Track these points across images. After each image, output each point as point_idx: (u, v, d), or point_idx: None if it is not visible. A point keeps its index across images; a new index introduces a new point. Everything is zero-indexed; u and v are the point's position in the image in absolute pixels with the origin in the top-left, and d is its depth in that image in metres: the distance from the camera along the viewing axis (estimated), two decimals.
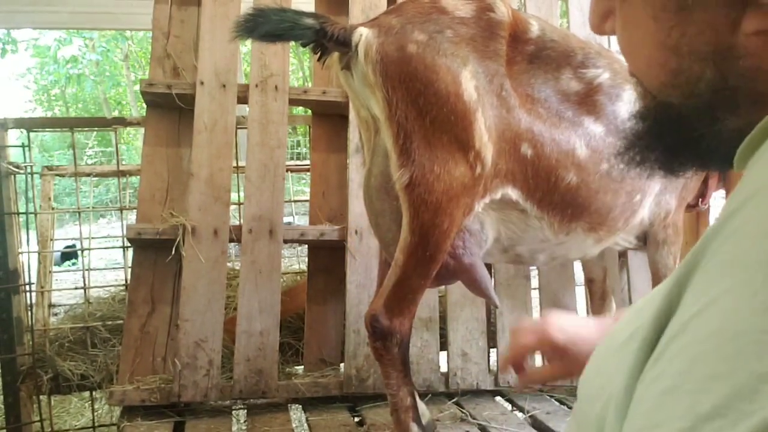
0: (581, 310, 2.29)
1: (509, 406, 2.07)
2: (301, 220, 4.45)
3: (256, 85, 2.13)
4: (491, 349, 2.20)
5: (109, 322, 2.44)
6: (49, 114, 17.07)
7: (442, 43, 1.40)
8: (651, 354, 0.41)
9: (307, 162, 2.76)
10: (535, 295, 2.23)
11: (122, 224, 2.54)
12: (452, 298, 2.12)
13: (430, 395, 2.03)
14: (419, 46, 1.39)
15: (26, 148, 2.50)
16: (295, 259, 3.64)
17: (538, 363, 2.14)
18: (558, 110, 1.55)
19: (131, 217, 3.41)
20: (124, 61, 14.65)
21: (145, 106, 2.22)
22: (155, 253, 2.06)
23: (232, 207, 2.45)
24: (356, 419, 1.90)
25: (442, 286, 2.08)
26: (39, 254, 2.79)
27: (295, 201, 4.06)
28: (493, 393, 2.13)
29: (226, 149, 2.07)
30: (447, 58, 1.40)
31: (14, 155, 2.71)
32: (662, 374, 0.37)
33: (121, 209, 2.88)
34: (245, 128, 2.19)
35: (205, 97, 2.08)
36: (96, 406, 2.48)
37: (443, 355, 2.14)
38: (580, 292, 2.33)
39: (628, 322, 0.52)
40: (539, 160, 1.49)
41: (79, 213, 2.79)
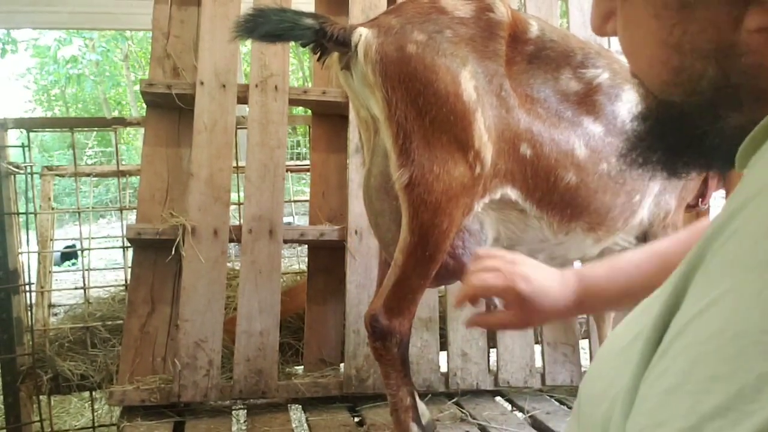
0: None
1: (509, 406, 2.07)
2: (301, 220, 4.45)
3: (256, 85, 2.13)
4: (491, 349, 2.20)
5: (109, 322, 2.44)
6: (49, 114, 17.08)
7: (441, 43, 1.40)
8: (654, 353, 0.41)
9: (307, 162, 2.76)
10: None
11: (122, 224, 2.55)
12: (452, 298, 2.12)
13: (430, 395, 2.03)
14: (419, 46, 1.39)
15: (26, 148, 2.50)
16: (295, 259, 3.64)
17: (539, 359, 2.16)
18: (557, 110, 1.55)
19: (131, 217, 3.41)
20: (124, 61, 14.65)
21: (145, 106, 2.23)
22: (155, 253, 2.06)
23: (232, 207, 2.45)
24: (356, 419, 1.90)
25: (442, 286, 2.08)
26: (39, 254, 2.79)
27: (295, 201, 4.06)
28: (493, 393, 2.13)
29: (226, 149, 2.08)
30: (446, 58, 1.40)
31: (14, 155, 2.71)
32: (665, 373, 0.38)
33: (121, 209, 2.88)
34: (245, 128, 2.19)
35: (205, 97, 2.08)
36: (96, 406, 2.48)
37: (443, 355, 2.14)
38: None
39: (632, 323, 0.52)
40: (538, 160, 1.49)
41: (79, 213, 2.79)
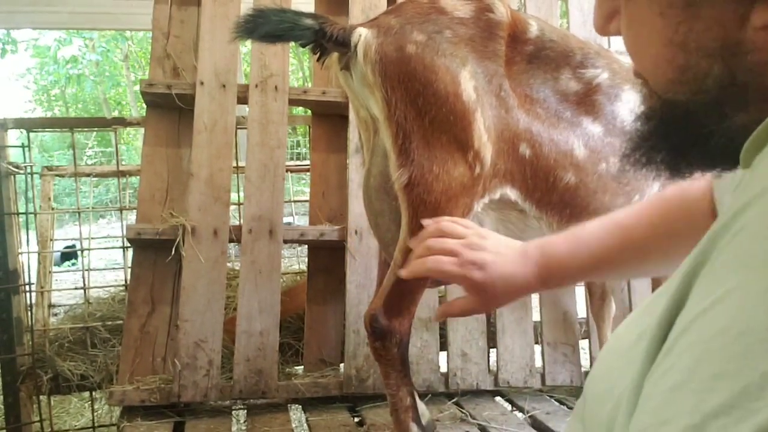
0: (581, 310, 2.29)
1: (509, 406, 2.07)
2: (301, 220, 4.45)
3: (256, 86, 2.13)
4: (491, 349, 2.20)
5: (109, 323, 2.44)
6: (49, 114, 17.09)
7: (441, 44, 1.40)
8: (659, 351, 0.41)
9: (307, 162, 2.76)
10: (534, 295, 2.22)
11: (122, 224, 2.55)
12: (452, 299, 2.11)
13: (429, 395, 2.03)
14: (418, 46, 1.39)
15: (26, 149, 2.50)
16: (295, 259, 3.64)
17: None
18: (557, 110, 1.55)
19: (131, 217, 3.41)
20: (124, 62, 14.67)
21: (144, 106, 2.23)
22: (155, 253, 2.06)
23: (232, 207, 2.45)
24: (356, 419, 1.90)
25: (442, 287, 2.08)
26: (39, 254, 2.79)
27: (295, 201, 4.07)
28: (493, 393, 2.13)
29: (226, 149, 2.08)
30: (446, 59, 1.40)
31: (14, 155, 2.71)
32: (670, 371, 0.38)
33: (120, 209, 2.88)
34: (245, 128, 2.19)
35: (205, 97, 2.08)
36: (96, 407, 2.48)
37: (443, 355, 2.14)
38: (580, 292, 2.33)
39: (636, 322, 0.52)
40: (538, 160, 1.49)
41: (79, 213, 2.79)
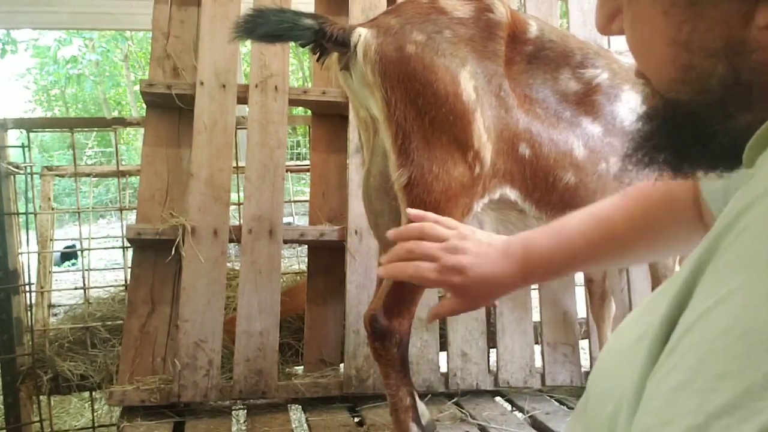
0: (581, 310, 2.29)
1: (509, 407, 2.07)
2: (301, 221, 4.45)
3: (256, 86, 2.13)
4: (491, 350, 2.20)
5: (109, 323, 2.44)
6: (49, 114, 17.09)
7: (440, 44, 1.40)
8: (661, 351, 0.41)
9: (307, 162, 2.76)
10: (534, 295, 2.23)
11: (122, 224, 2.55)
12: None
13: (429, 395, 2.03)
14: (418, 46, 1.39)
15: (26, 149, 2.50)
16: (295, 260, 3.64)
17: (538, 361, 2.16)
18: (556, 110, 1.55)
19: (131, 217, 3.42)
20: (123, 62, 14.67)
21: (144, 106, 2.22)
22: (155, 253, 2.06)
23: (232, 207, 2.45)
24: (356, 419, 1.90)
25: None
26: (39, 254, 2.79)
27: (295, 201, 4.07)
28: (493, 393, 2.13)
29: (225, 149, 2.07)
30: (446, 59, 1.40)
31: (14, 155, 2.71)
32: (673, 370, 0.38)
33: (120, 209, 2.88)
34: (245, 128, 2.19)
35: (204, 97, 2.08)
36: (96, 407, 2.49)
37: (443, 355, 2.14)
38: (580, 293, 2.33)
39: (637, 321, 0.51)
40: (537, 160, 1.49)
41: (79, 213, 2.79)
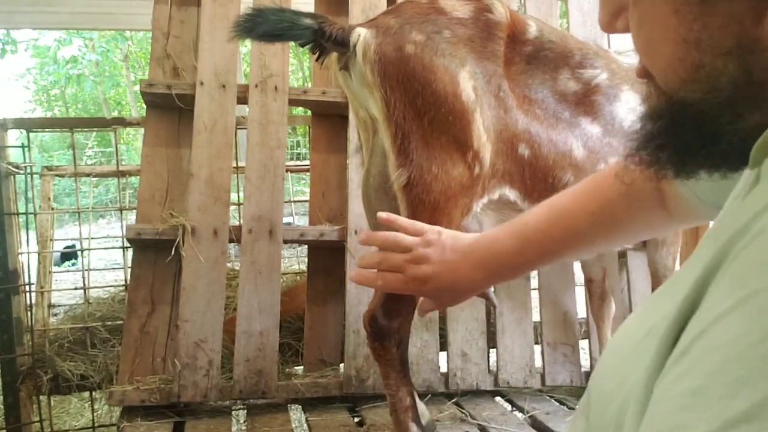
0: (581, 310, 2.29)
1: (509, 407, 2.07)
2: (301, 221, 4.45)
3: (256, 86, 2.13)
4: (491, 350, 2.20)
5: (109, 323, 2.44)
6: (49, 114, 17.10)
7: (440, 44, 1.40)
8: (669, 353, 0.40)
9: (307, 162, 2.76)
10: (534, 295, 2.22)
11: (122, 224, 2.55)
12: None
13: (429, 395, 2.03)
14: (417, 46, 1.39)
15: (26, 149, 2.50)
16: (295, 260, 3.64)
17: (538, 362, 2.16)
18: (555, 111, 1.55)
19: (131, 217, 3.41)
20: (123, 62, 14.67)
21: (144, 106, 2.22)
22: (155, 253, 2.06)
23: (232, 207, 2.45)
24: (356, 419, 1.90)
25: None
26: (39, 254, 2.79)
27: (295, 201, 4.06)
28: (493, 393, 2.13)
29: (225, 149, 2.07)
30: (445, 59, 1.40)
31: (14, 155, 2.71)
32: (687, 374, 0.37)
33: (120, 209, 2.88)
34: (245, 128, 2.19)
35: (204, 97, 2.08)
36: (96, 407, 2.49)
37: (443, 355, 2.14)
38: (580, 293, 2.33)
39: (641, 321, 0.51)
40: (536, 161, 1.49)
41: (79, 213, 2.79)
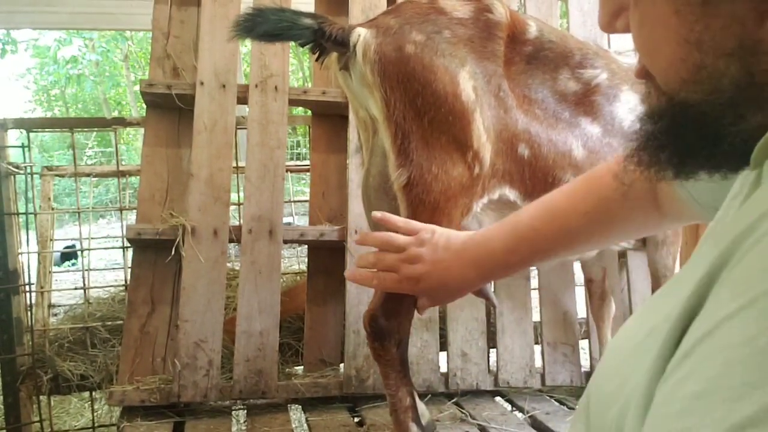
0: (581, 310, 2.29)
1: (509, 407, 2.07)
2: (301, 221, 4.45)
3: (256, 86, 2.13)
4: (491, 350, 2.20)
5: (109, 323, 2.44)
6: (49, 114, 17.11)
7: (440, 44, 1.40)
8: (672, 355, 0.40)
9: (307, 162, 2.76)
10: (534, 295, 2.22)
11: (122, 224, 2.55)
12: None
13: (429, 395, 2.03)
14: (417, 46, 1.39)
15: (26, 149, 2.50)
16: (295, 260, 3.64)
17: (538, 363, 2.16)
18: (555, 111, 1.55)
19: (131, 217, 3.42)
20: (123, 62, 14.68)
21: (144, 106, 2.22)
22: (155, 253, 2.06)
23: (232, 207, 2.45)
24: (356, 419, 1.90)
25: None
26: (39, 254, 2.79)
27: (295, 201, 4.06)
28: (493, 393, 2.13)
29: (225, 149, 2.07)
30: (445, 59, 1.40)
31: (14, 155, 2.71)
32: (689, 377, 0.36)
33: (120, 209, 2.88)
34: (245, 128, 2.19)
35: (204, 97, 2.08)
36: (96, 407, 2.49)
37: (443, 355, 2.14)
38: (580, 293, 2.33)
39: (642, 322, 0.50)
40: (536, 161, 1.49)
41: (79, 213, 2.79)
